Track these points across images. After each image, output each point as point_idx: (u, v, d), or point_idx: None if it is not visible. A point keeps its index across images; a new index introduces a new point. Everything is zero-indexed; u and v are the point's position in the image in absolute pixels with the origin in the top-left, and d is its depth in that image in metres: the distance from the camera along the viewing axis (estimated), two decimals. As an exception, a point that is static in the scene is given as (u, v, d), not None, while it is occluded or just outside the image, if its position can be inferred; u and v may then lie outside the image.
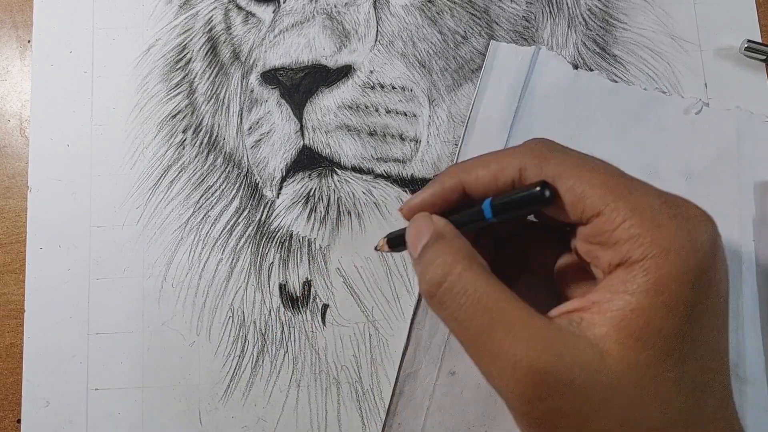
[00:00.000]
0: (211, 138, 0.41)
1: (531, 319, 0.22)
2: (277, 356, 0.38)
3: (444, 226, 0.26)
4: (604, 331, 0.21)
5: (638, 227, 0.22)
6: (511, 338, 0.22)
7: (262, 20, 0.42)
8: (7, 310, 0.39)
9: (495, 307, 0.23)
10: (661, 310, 0.21)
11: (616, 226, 0.22)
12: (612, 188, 0.23)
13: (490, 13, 0.42)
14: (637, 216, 0.22)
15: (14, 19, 0.43)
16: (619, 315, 0.21)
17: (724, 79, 0.40)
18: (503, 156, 0.25)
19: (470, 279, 0.23)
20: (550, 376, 0.21)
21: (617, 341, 0.21)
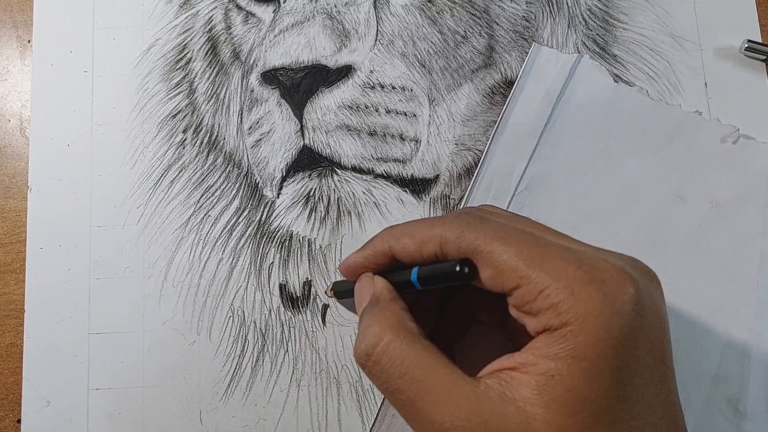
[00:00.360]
0: (212, 138, 0.41)
1: (457, 388, 0.23)
2: (278, 356, 0.38)
3: (381, 290, 0.27)
4: (530, 394, 0.22)
5: (555, 296, 0.22)
6: (438, 409, 0.22)
7: (262, 20, 0.42)
8: (7, 310, 0.39)
9: (422, 377, 0.23)
10: (583, 376, 0.21)
11: (535, 297, 0.22)
12: (526, 259, 0.23)
13: (490, 13, 0.42)
14: (552, 284, 0.22)
15: (14, 19, 0.43)
16: (542, 380, 0.22)
17: (724, 79, 0.40)
18: (427, 227, 0.26)
19: (396, 349, 0.24)
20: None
21: (542, 406, 0.21)
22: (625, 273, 0.23)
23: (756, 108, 0.40)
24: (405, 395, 0.23)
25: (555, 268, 0.22)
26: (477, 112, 0.40)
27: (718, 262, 0.37)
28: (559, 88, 0.39)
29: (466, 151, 0.40)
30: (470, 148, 0.40)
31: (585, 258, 0.23)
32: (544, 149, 0.39)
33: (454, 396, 0.22)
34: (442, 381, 0.23)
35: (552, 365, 0.22)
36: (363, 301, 0.28)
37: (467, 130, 0.40)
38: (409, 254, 0.27)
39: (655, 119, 0.39)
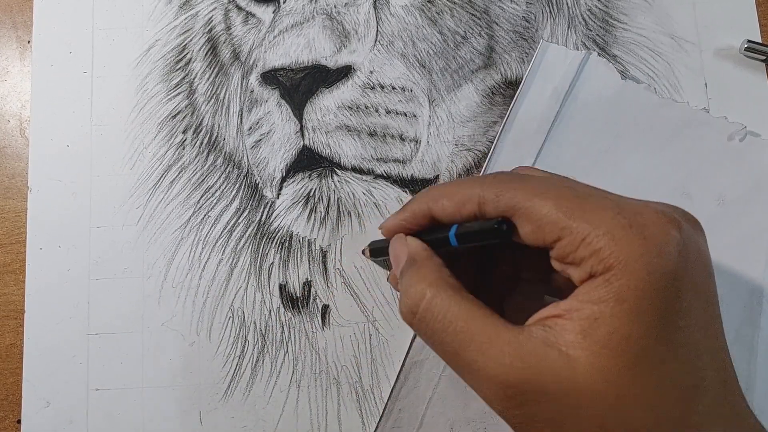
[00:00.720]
0: (211, 138, 0.41)
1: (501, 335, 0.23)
2: (278, 356, 0.38)
3: (416, 249, 0.28)
4: (573, 338, 0.22)
5: (596, 243, 0.22)
6: (482, 356, 0.23)
7: (262, 20, 0.42)
8: (7, 310, 0.39)
9: (464, 329, 0.24)
10: (626, 318, 0.21)
11: (577, 246, 0.23)
12: (565, 211, 0.23)
13: (490, 14, 0.42)
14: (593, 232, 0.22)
15: (14, 20, 0.43)
16: (586, 324, 0.22)
17: (724, 79, 0.40)
18: (466, 188, 0.27)
19: (440, 304, 0.25)
20: (522, 386, 0.22)
21: (585, 349, 0.22)
22: (666, 216, 0.23)
23: (756, 108, 0.40)
24: (450, 347, 0.24)
25: (595, 216, 0.23)
26: (477, 113, 0.40)
27: (725, 260, 0.37)
28: (566, 85, 0.39)
29: (465, 151, 0.40)
30: (470, 148, 0.40)
31: (625, 205, 0.23)
32: (552, 146, 0.39)
33: (496, 343, 0.23)
34: (483, 330, 0.23)
35: (595, 308, 0.22)
36: (399, 261, 0.28)
37: (467, 130, 0.40)
38: (447, 215, 0.27)
39: (662, 116, 0.39)
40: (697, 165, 0.38)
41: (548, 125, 0.39)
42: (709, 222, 0.37)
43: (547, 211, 0.23)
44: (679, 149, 0.38)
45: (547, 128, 0.39)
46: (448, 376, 0.37)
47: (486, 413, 0.36)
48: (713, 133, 0.38)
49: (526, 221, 0.24)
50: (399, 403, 0.37)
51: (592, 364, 0.21)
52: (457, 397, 0.36)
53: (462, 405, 0.36)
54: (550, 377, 0.22)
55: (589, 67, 0.40)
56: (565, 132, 0.39)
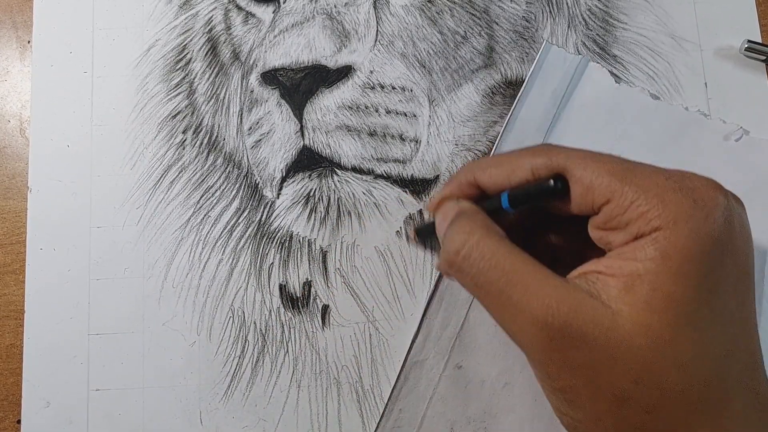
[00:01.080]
0: (212, 138, 0.41)
1: (546, 279, 0.23)
2: (278, 357, 0.38)
3: (466, 205, 0.28)
4: (616, 293, 0.22)
5: (645, 205, 0.22)
6: (528, 297, 0.23)
7: (262, 20, 0.42)
8: (7, 310, 0.39)
9: (512, 269, 0.24)
10: (671, 276, 0.22)
11: (625, 209, 0.23)
12: (617, 175, 0.24)
13: (490, 13, 0.42)
14: (643, 195, 0.23)
15: (14, 20, 0.43)
16: (629, 280, 0.22)
17: (724, 79, 0.40)
18: (515, 157, 0.27)
19: (487, 244, 0.25)
20: (563, 329, 0.22)
21: (628, 304, 0.22)
22: (715, 184, 0.23)
23: (756, 108, 0.40)
24: (495, 286, 0.24)
25: (645, 181, 0.23)
26: (477, 113, 0.40)
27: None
28: (564, 88, 0.39)
29: (466, 151, 0.40)
30: (470, 148, 0.40)
31: (674, 171, 0.24)
32: None
33: (544, 285, 0.23)
34: (531, 271, 0.24)
35: (639, 266, 0.22)
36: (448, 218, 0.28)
37: (467, 130, 0.40)
38: (495, 183, 0.27)
39: (657, 119, 0.39)
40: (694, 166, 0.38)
41: (547, 127, 0.39)
42: None
43: (599, 174, 0.24)
44: (676, 151, 0.39)
45: (545, 130, 0.39)
46: (449, 375, 0.37)
47: (486, 413, 0.36)
48: (710, 134, 0.39)
49: (576, 184, 0.24)
50: (399, 403, 0.37)
51: (634, 318, 0.22)
52: (457, 396, 0.37)
53: (462, 405, 0.36)
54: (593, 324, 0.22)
55: (585, 71, 0.40)
56: (563, 134, 0.39)
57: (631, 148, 0.39)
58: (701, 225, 0.22)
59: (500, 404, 0.36)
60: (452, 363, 0.37)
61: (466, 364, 0.37)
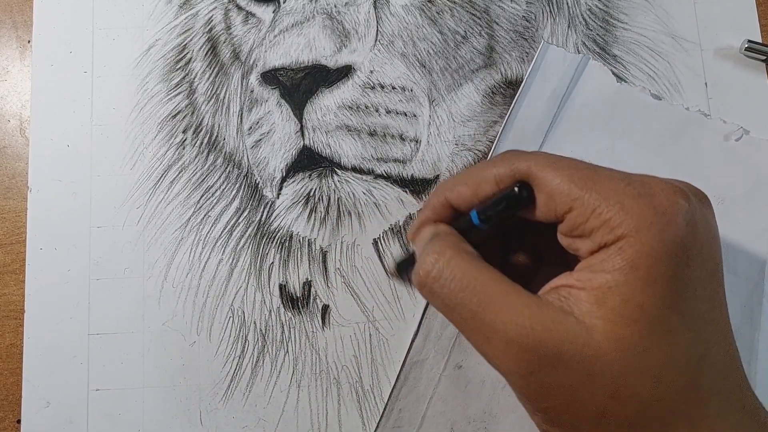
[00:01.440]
0: (212, 138, 0.41)
1: (519, 299, 0.23)
2: (278, 357, 0.38)
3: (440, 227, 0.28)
4: (588, 307, 0.22)
5: (607, 213, 0.22)
6: (500, 318, 0.23)
7: (262, 20, 0.42)
8: (7, 310, 0.39)
9: (483, 289, 0.24)
10: (639, 285, 0.22)
11: (587, 217, 0.23)
12: (577, 182, 0.23)
13: (490, 13, 0.42)
14: (603, 203, 0.23)
15: (14, 19, 0.43)
16: (600, 292, 0.22)
17: (725, 79, 0.40)
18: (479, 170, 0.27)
19: (458, 265, 0.25)
20: (539, 351, 0.22)
21: (601, 317, 0.22)
22: (675, 188, 0.23)
23: (756, 108, 0.40)
24: (467, 308, 0.24)
25: (605, 187, 0.23)
26: (477, 113, 0.40)
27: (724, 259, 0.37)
28: (565, 87, 0.39)
29: (466, 151, 0.40)
30: (470, 148, 0.40)
31: (635, 177, 0.23)
32: (550, 146, 0.39)
33: (516, 305, 0.23)
34: (503, 292, 0.23)
35: (609, 277, 0.22)
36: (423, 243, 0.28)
37: (467, 130, 0.40)
38: (466, 200, 0.27)
39: (658, 118, 0.39)
40: (694, 166, 0.38)
41: (546, 126, 0.39)
42: None
43: (560, 181, 0.24)
44: (676, 151, 0.39)
45: (545, 129, 0.39)
46: (449, 375, 0.37)
47: (486, 413, 0.36)
48: (710, 134, 0.39)
49: (539, 192, 0.24)
50: (399, 403, 0.37)
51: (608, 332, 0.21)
52: (457, 396, 0.37)
53: (462, 405, 0.36)
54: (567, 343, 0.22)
55: (585, 70, 0.40)
56: (563, 134, 0.39)
57: (631, 147, 0.39)
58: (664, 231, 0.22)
59: (500, 404, 0.36)
60: (452, 363, 0.37)
61: (466, 363, 0.37)
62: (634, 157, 0.38)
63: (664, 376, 0.22)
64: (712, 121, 0.39)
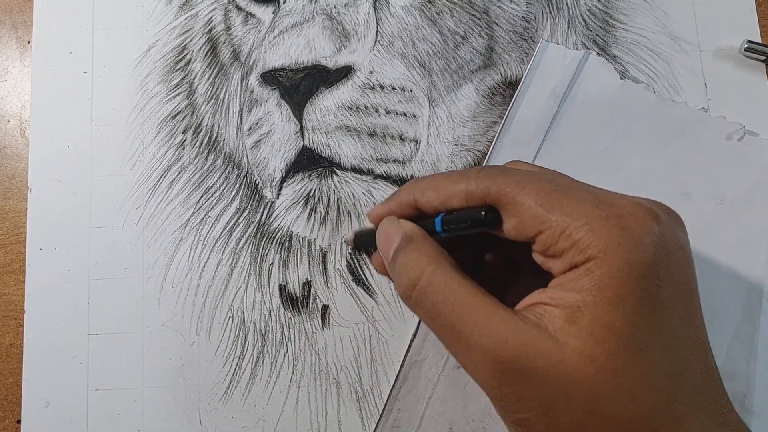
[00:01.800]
0: (211, 138, 0.41)
1: (495, 313, 0.24)
2: (277, 357, 0.38)
3: (412, 229, 0.28)
4: (560, 324, 0.22)
5: (575, 235, 0.23)
6: (477, 331, 0.23)
7: (261, 21, 0.42)
8: (7, 310, 0.39)
9: (461, 303, 0.24)
10: (607, 306, 0.22)
11: (557, 239, 0.23)
12: (545, 204, 0.24)
13: (490, 14, 0.42)
14: (572, 225, 0.23)
15: (14, 20, 0.43)
16: (570, 311, 0.22)
17: (724, 80, 0.40)
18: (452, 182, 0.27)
19: (440, 279, 0.25)
20: (513, 364, 0.22)
21: (572, 335, 0.22)
22: (644, 208, 0.23)
23: (756, 108, 0.40)
24: (447, 320, 0.24)
25: (573, 209, 0.23)
26: (477, 113, 0.40)
27: (724, 259, 0.37)
28: (565, 85, 0.39)
29: (465, 151, 0.40)
30: (470, 148, 0.40)
31: (603, 197, 0.24)
32: (550, 145, 0.39)
33: (493, 319, 0.23)
34: (481, 306, 0.24)
35: (578, 297, 0.22)
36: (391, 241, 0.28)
37: (467, 130, 0.40)
38: (433, 207, 0.27)
39: (660, 116, 0.39)
40: (696, 165, 0.38)
41: (547, 125, 0.39)
42: (708, 221, 0.37)
43: (529, 205, 0.24)
44: (678, 149, 0.38)
45: (545, 128, 0.39)
46: (447, 375, 0.37)
47: (485, 413, 0.36)
48: (712, 132, 0.38)
49: (510, 216, 0.25)
50: (398, 403, 0.37)
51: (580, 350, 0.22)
52: (456, 396, 0.37)
53: (461, 405, 0.36)
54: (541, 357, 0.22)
55: (588, 66, 0.40)
56: (564, 132, 0.39)
57: (632, 145, 0.39)
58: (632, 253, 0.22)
59: (499, 405, 0.36)
60: (451, 363, 0.37)
61: None
62: (635, 156, 0.38)
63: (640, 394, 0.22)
64: (714, 119, 0.39)
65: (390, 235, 0.28)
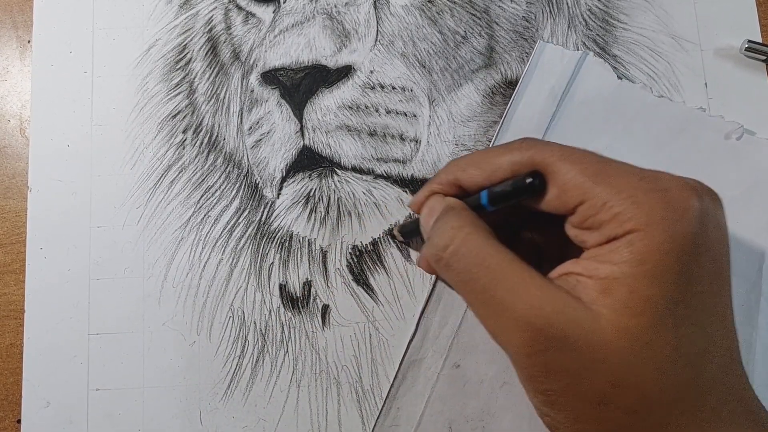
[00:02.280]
0: (212, 138, 0.41)
1: (531, 279, 0.23)
2: (278, 356, 0.38)
3: (454, 202, 0.28)
4: (595, 295, 0.22)
5: (618, 207, 0.23)
6: (511, 296, 0.23)
7: (262, 20, 0.42)
8: (7, 310, 0.39)
9: (497, 267, 0.24)
10: (646, 279, 0.22)
11: (598, 210, 0.23)
12: (590, 175, 0.24)
13: (490, 13, 0.42)
14: (615, 197, 0.23)
15: (14, 19, 0.43)
16: (606, 282, 0.22)
17: (725, 79, 0.40)
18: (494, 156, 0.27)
19: (475, 241, 0.25)
20: (546, 331, 0.22)
21: (607, 306, 0.22)
22: (688, 185, 0.23)
23: (756, 108, 0.40)
24: (480, 283, 0.24)
25: (618, 181, 0.23)
26: (477, 113, 0.40)
27: None
28: (563, 85, 0.39)
29: (466, 151, 0.40)
30: (470, 148, 0.40)
31: (648, 172, 0.24)
32: None
33: (528, 285, 0.23)
34: (517, 271, 0.24)
35: (615, 269, 0.22)
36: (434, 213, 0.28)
37: (467, 130, 0.40)
38: (476, 183, 0.27)
39: (659, 116, 0.39)
40: (694, 164, 0.38)
41: (545, 125, 0.39)
42: None
43: (573, 175, 0.24)
44: (676, 148, 0.38)
45: (544, 128, 0.39)
46: (447, 374, 0.37)
47: (484, 412, 0.36)
48: (710, 132, 0.38)
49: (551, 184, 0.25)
50: (397, 402, 0.37)
51: (614, 321, 0.22)
52: (455, 395, 0.37)
53: (461, 404, 0.36)
54: (575, 326, 0.22)
55: (585, 67, 0.40)
56: (563, 132, 0.39)
57: (631, 145, 0.39)
58: (674, 227, 0.22)
59: (498, 403, 0.36)
60: (450, 362, 0.37)
61: (464, 363, 0.37)
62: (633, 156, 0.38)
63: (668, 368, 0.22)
64: (712, 119, 0.39)
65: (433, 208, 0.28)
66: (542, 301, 0.23)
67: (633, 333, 0.22)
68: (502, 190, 0.26)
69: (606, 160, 0.24)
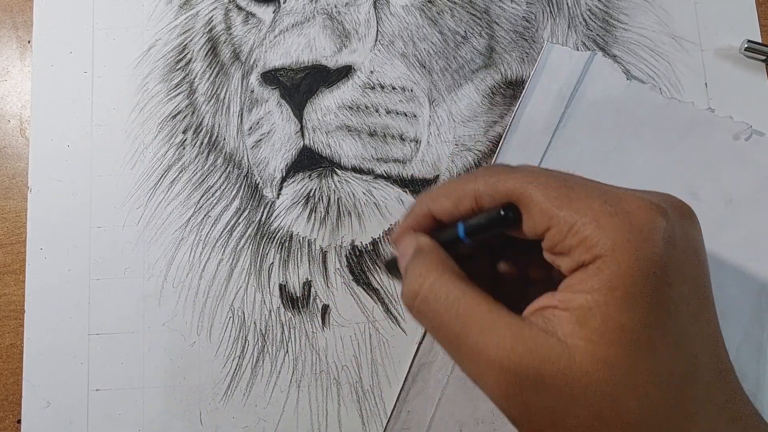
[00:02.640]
0: (212, 138, 0.41)
1: (501, 320, 0.23)
2: (278, 357, 0.38)
3: (423, 242, 0.28)
4: (570, 328, 0.22)
5: (583, 231, 0.22)
6: (483, 339, 0.23)
7: (262, 20, 0.42)
8: (8, 310, 0.39)
9: (466, 311, 0.24)
10: (618, 305, 0.21)
11: (564, 236, 0.23)
12: (553, 200, 0.23)
13: (491, 14, 0.42)
14: (579, 221, 0.22)
15: (14, 19, 0.43)
16: (580, 313, 0.22)
17: (725, 79, 0.40)
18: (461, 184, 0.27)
19: (442, 287, 0.25)
20: (521, 373, 0.22)
21: (582, 338, 0.22)
22: (652, 204, 0.23)
23: (756, 108, 0.40)
24: (451, 329, 0.24)
25: (581, 205, 0.23)
26: (477, 113, 0.40)
27: (733, 259, 0.37)
28: (572, 86, 0.39)
29: (466, 151, 0.40)
30: (470, 148, 0.40)
31: (611, 193, 0.23)
32: (558, 147, 0.39)
33: (498, 326, 0.23)
34: (486, 313, 0.23)
35: (588, 298, 0.22)
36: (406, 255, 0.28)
37: (467, 130, 0.40)
38: (447, 213, 0.27)
39: (667, 117, 0.39)
40: (703, 165, 0.38)
41: (554, 126, 0.39)
42: (717, 221, 0.37)
43: (537, 200, 0.23)
44: (685, 149, 0.38)
45: (552, 129, 0.39)
46: (457, 377, 0.37)
47: (495, 414, 0.36)
48: (719, 132, 0.38)
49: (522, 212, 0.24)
50: (408, 405, 0.37)
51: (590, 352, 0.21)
52: (466, 398, 0.36)
53: (471, 406, 0.36)
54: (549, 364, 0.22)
55: (594, 67, 0.40)
56: (571, 133, 0.39)
57: (640, 145, 0.39)
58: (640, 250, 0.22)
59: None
60: None
61: None
62: (642, 156, 0.38)
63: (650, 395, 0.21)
64: (721, 120, 0.39)
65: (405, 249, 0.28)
66: (514, 342, 0.22)
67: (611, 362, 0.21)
68: (477, 223, 0.26)
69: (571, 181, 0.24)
